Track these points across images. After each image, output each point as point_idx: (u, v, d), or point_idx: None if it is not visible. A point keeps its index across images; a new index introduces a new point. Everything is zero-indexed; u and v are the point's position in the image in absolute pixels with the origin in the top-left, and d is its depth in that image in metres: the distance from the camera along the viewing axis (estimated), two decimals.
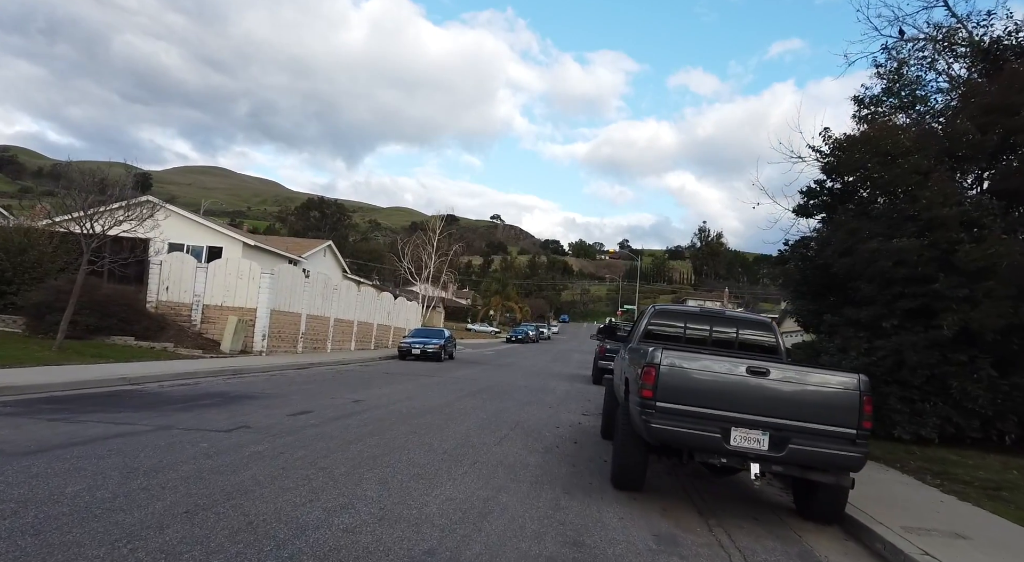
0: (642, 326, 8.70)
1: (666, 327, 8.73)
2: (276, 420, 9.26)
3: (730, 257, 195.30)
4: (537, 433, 10.50)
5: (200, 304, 21.25)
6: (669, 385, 6.17)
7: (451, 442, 8.82)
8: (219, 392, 12.09)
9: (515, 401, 14.96)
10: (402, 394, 14.24)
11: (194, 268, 21.37)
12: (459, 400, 14.07)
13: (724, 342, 8.53)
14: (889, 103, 12.89)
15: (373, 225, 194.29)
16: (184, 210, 30.71)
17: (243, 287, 21.36)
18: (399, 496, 5.79)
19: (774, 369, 6.08)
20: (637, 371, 6.62)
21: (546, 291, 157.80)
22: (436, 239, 63.82)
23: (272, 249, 31.94)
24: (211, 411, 9.64)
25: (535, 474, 7.36)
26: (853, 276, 10.94)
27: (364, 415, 10.54)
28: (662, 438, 6.15)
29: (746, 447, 6.02)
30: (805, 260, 12.35)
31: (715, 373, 6.13)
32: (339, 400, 12.25)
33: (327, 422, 9.48)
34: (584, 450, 9.36)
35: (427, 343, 27.92)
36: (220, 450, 6.94)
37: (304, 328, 24.33)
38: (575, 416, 13.43)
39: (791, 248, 13.00)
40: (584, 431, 11.34)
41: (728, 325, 8.57)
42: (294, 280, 23.48)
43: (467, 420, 11.11)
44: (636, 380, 6.58)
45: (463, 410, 12.40)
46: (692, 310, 8.75)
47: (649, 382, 6.21)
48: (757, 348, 8.43)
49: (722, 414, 6.07)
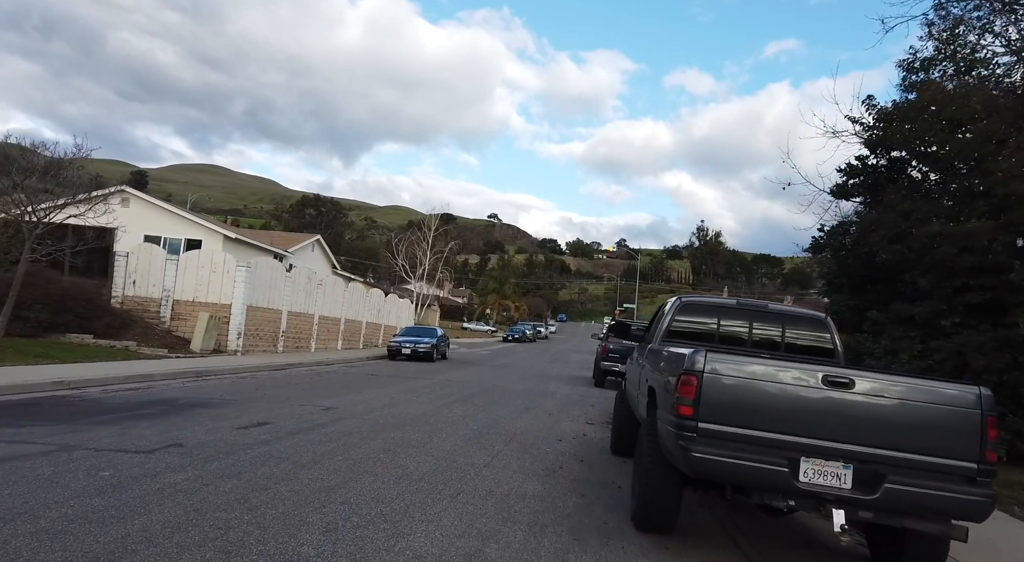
0: (665, 323, 7.10)
1: (694, 324, 7.14)
2: (219, 435, 7.64)
3: (729, 256, 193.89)
4: (536, 449, 8.91)
5: (170, 299, 19.59)
6: (716, 400, 4.59)
7: (431, 463, 7.22)
8: (167, 399, 10.47)
9: (511, 408, 13.36)
10: (383, 400, 12.63)
11: (163, 260, 19.71)
12: (448, 407, 12.46)
13: (767, 343, 6.94)
14: (942, 68, 11.31)
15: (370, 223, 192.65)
16: (161, 200, 29.03)
17: (217, 281, 19.71)
18: (347, 553, 4.19)
19: (860, 379, 4.49)
20: (669, 380, 5.04)
21: (543, 290, 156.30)
22: (431, 235, 62.27)
23: (255, 242, 30.31)
24: (143, 424, 8.01)
25: (534, 510, 5.77)
26: (905, 266, 9.39)
27: (332, 427, 8.92)
28: (706, 471, 4.56)
29: (823, 485, 4.43)
30: (844, 248, 10.78)
31: (779, 384, 4.55)
32: (308, 407, 10.63)
33: (283, 437, 7.86)
34: (593, 471, 7.77)
35: (418, 342, 26.30)
36: (123, 482, 5.32)
37: (285, 326, 22.69)
38: (578, 425, 11.83)
39: (827, 235, 11.40)
40: (590, 445, 9.74)
41: (772, 322, 6.97)
42: (274, 274, 21.84)
43: (454, 433, 9.51)
44: (668, 392, 4.99)
45: (451, 420, 10.80)
46: (727, 303, 7.17)
47: (688, 396, 4.62)
48: (809, 351, 6.84)
49: (788, 440, 4.49)
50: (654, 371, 5.95)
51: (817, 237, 11.55)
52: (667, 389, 5.07)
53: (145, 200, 28.22)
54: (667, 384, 5.10)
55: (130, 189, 28.21)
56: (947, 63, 11.12)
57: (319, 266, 37.71)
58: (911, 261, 9.22)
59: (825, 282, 11.73)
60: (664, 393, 5.18)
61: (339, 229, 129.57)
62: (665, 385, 5.19)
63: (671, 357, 5.28)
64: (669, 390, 4.96)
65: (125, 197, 28.05)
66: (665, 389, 5.17)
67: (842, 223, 11.21)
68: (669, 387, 4.97)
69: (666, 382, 5.15)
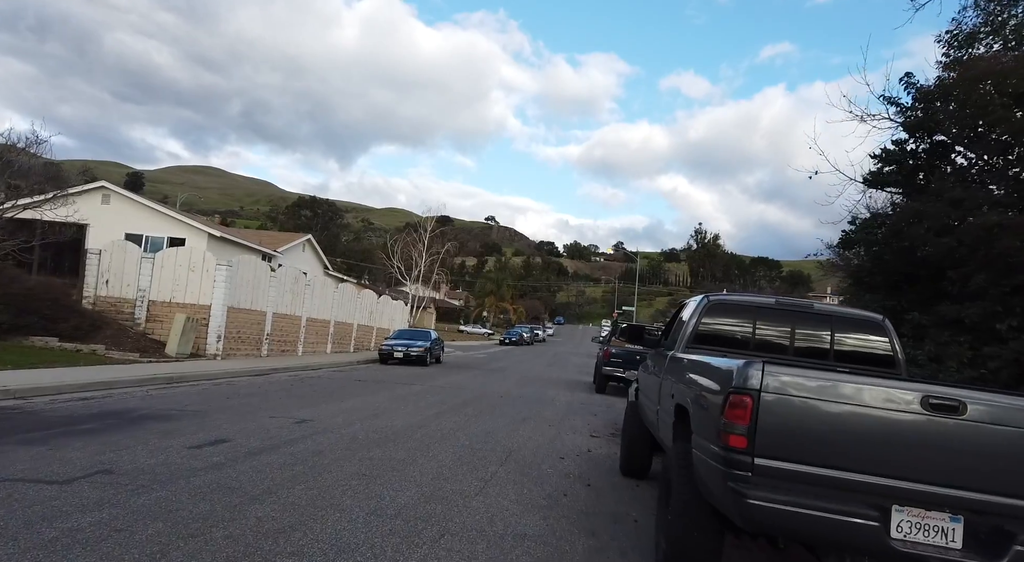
0: (690, 326, 5.97)
1: (725, 327, 6.02)
2: (163, 457, 6.49)
3: (727, 259, 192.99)
4: (536, 469, 7.78)
5: (145, 300, 18.42)
6: (778, 428, 3.48)
7: (412, 492, 6.08)
8: (120, 410, 9.32)
9: (507, 418, 12.22)
10: (367, 410, 11.48)
11: (139, 258, 18.54)
12: (438, 417, 11.32)
13: (812, 350, 5.82)
14: (987, 42, 10.21)
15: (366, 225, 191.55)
16: (141, 197, 27.84)
17: (196, 281, 18.55)
18: None
19: (973, 402, 3.37)
20: (710, 400, 3.92)
21: (541, 292, 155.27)
22: (427, 237, 61.19)
23: (242, 241, 29.14)
24: (75, 444, 6.86)
25: (536, 557, 4.64)
26: (953, 261, 8.30)
27: (301, 445, 7.78)
28: (767, 522, 3.46)
29: (923, 544, 3.32)
30: (878, 243, 9.67)
31: (863, 407, 3.43)
32: (279, 420, 9.49)
33: (240, 459, 6.72)
34: (603, 499, 6.64)
35: (411, 345, 25.16)
36: (5, 530, 4.17)
37: (270, 328, 21.53)
38: (582, 438, 10.71)
39: (859, 227, 10.28)
40: (597, 464, 8.61)
41: (818, 324, 5.85)
42: (257, 274, 20.68)
43: (443, 450, 8.37)
44: (709, 415, 3.88)
45: (440, 433, 9.66)
46: (764, 303, 6.04)
47: (741, 421, 3.50)
48: (864, 359, 5.73)
49: (876, 482, 3.38)
50: (683, 385, 4.83)
51: (848, 231, 10.44)
52: (707, 411, 3.96)
53: (127, 197, 27.04)
54: (707, 404, 3.98)
55: (111, 185, 27.04)
56: (994, 37, 10.04)
57: (310, 267, 36.55)
58: (961, 256, 8.14)
59: (852, 281, 10.61)
60: (703, 415, 4.06)
61: (335, 231, 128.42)
62: (704, 405, 4.07)
63: (710, 370, 4.16)
64: (711, 412, 3.84)
65: (106, 194, 26.91)
66: (704, 410, 4.05)
67: (876, 215, 10.11)
68: (711, 408, 3.85)
69: (705, 401, 4.03)
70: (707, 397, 4.00)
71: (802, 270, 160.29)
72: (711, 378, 4.03)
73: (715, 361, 4.23)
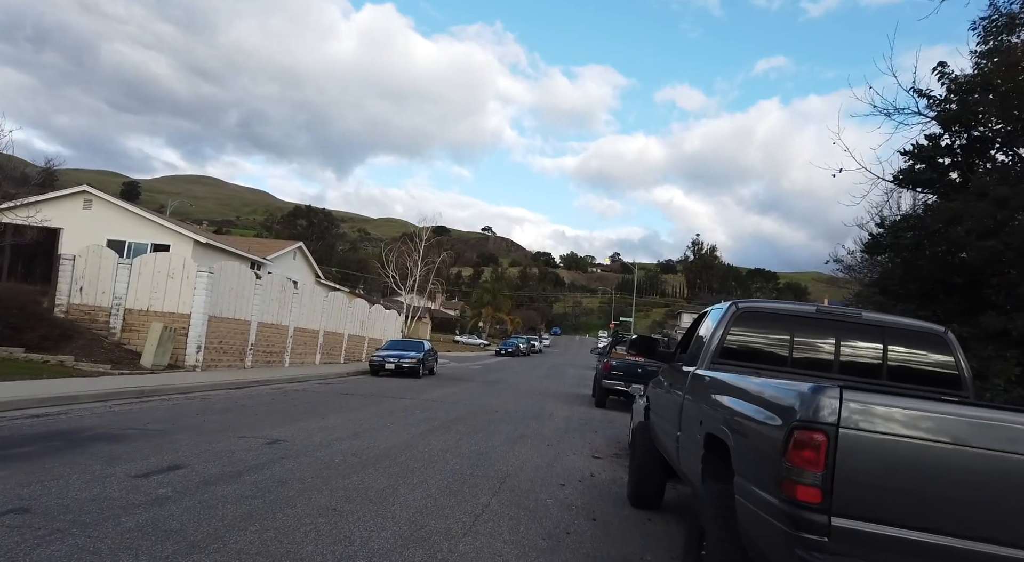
0: (716, 338, 5.08)
1: (757, 339, 5.13)
2: (98, 490, 5.56)
3: (724, 270, 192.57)
4: (533, 499, 6.86)
5: (121, 308, 17.46)
6: (863, 477, 2.60)
7: (389, 532, 5.16)
8: (70, 430, 8.37)
9: (502, 436, 11.30)
10: (349, 428, 10.54)
11: (115, 264, 17.60)
12: (426, 436, 10.39)
13: (861, 366, 4.94)
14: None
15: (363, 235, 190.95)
16: (125, 202, 26.91)
17: (175, 288, 17.61)
18: None
19: None
20: (765, 436, 3.03)
21: (537, 303, 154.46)
22: (423, 246, 60.38)
23: (229, 248, 28.24)
24: (1, 472, 5.91)
25: None
26: (998, 267, 7.45)
27: (267, 472, 6.85)
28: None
29: None
30: (910, 247, 8.81)
31: (981, 451, 2.55)
32: (248, 441, 8.55)
33: (191, 491, 5.79)
34: (611, 538, 5.73)
35: (403, 357, 24.21)
36: None
37: (254, 338, 20.56)
38: (584, 460, 9.79)
39: (889, 231, 9.42)
40: (602, 492, 7.69)
41: (868, 336, 4.97)
42: (241, 281, 19.74)
43: (429, 476, 7.45)
44: (764, 456, 2.98)
45: (428, 455, 8.74)
46: (803, 311, 5.16)
47: (812, 467, 2.62)
48: (924, 378, 4.85)
49: (1000, 553, 2.49)
50: (715, 410, 3.94)
51: (875, 234, 9.57)
52: (758, 448, 3.07)
53: (110, 202, 26.14)
54: (758, 440, 3.09)
55: (93, 190, 26.13)
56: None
57: (301, 275, 35.62)
58: (1008, 261, 7.31)
59: (879, 290, 9.72)
60: (752, 454, 3.17)
61: (331, 240, 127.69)
62: (752, 440, 3.18)
63: (762, 394, 3.27)
64: (765, 452, 2.95)
65: (88, 198, 26.03)
66: (754, 448, 3.16)
67: (907, 217, 9.26)
68: (765, 446, 2.96)
69: (755, 436, 3.14)
70: (758, 430, 3.11)
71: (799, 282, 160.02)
72: (764, 406, 3.14)
73: (768, 384, 3.34)
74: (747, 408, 3.32)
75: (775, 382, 3.33)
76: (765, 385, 3.31)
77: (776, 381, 3.39)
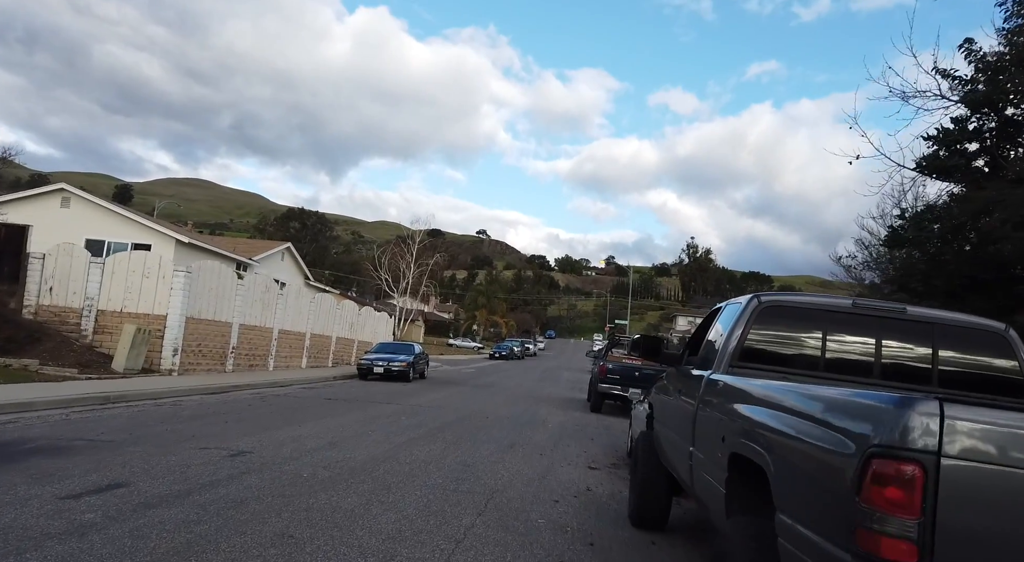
0: (734, 337, 4.34)
1: (784, 339, 4.39)
2: (13, 516, 4.76)
3: (718, 273, 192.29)
4: (524, 520, 6.09)
5: (93, 309, 16.62)
6: (977, 525, 1.83)
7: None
8: (10, 441, 7.57)
9: (491, 444, 10.54)
10: (326, 437, 9.75)
11: (86, 263, 16.76)
12: (410, 446, 9.61)
13: (906, 372, 4.20)
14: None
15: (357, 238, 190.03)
16: (103, 200, 26.04)
17: (150, 288, 16.78)
18: None
19: None
20: (826, 463, 2.26)
21: (532, 306, 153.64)
22: (416, 247, 59.60)
23: (214, 249, 27.41)
24: None
25: None
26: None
27: (223, 489, 6.06)
28: None
29: None
30: (934, 240, 8.08)
31: None
32: (211, 452, 7.76)
33: (125, 516, 4.99)
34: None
35: (392, 360, 23.43)
36: None
37: (236, 341, 19.73)
38: (579, 472, 9.03)
39: (911, 222, 8.66)
40: (600, 509, 6.93)
41: (914, 336, 4.23)
42: (222, 281, 18.92)
43: (408, 492, 6.67)
44: (825, 491, 2.22)
45: (409, 467, 7.96)
46: (837, 305, 4.42)
47: (903, 512, 1.86)
48: (981, 384, 4.11)
49: None
50: (742, 423, 3.19)
51: (897, 226, 8.81)
52: (818, 481, 2.31)
53: (88, 201, 25.29)
54: (816, 468, 2.33)
55: (71, 188, 25.30)
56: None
57: (289, 276, 34.78)
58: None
59: (898, 287, 8.98)
60: (806, 488, 2.42)
61: (324, 243, 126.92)
62: (806, 468, 2.43)
63: (814, 406, 2.52)
64: (826, 485, 2.20)
65: (66, 197, 25.20)
66: (807, 477, 2.40)
67: (930, 207, 8.52)
68: (827, 479, 2.21)
69: (811, 463, 2.39)
70: (813, 456, 2.35)
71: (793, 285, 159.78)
72: (821, 423, 2.39)
73: (823, 393, 2.59)
74: (794, 424, 2.57)
75: (835, 391, 2.58)
76: (821, 395, 2.56)
77: (836, 389, 2.65)
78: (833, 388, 2.84)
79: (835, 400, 2.41)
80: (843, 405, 2.31)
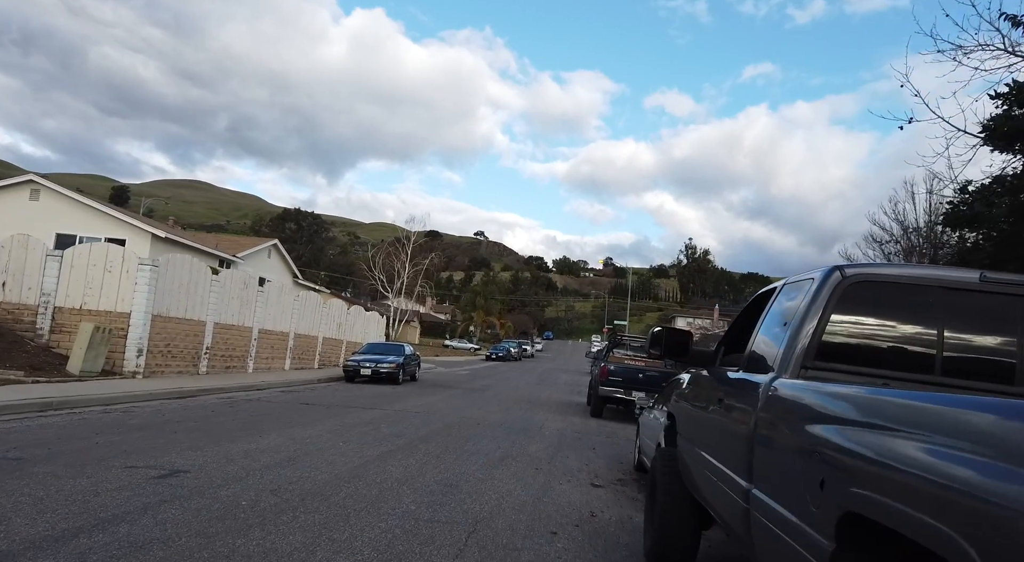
0: (807, 328, 3.01)
1: (881, 329, 3.07)
2: None
3: (717, 275, 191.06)
4: (513, 559, 4.78)
5: (50, 306, 15.27)
6: None
7: None
8: None
9: (480, 457, 9.22)
10: (286, 451, 8.42)
11: (43, 256, 15.41)
12: (384, 460, 8.29)
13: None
14: None
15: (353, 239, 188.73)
16: (75, 193, 24.68)
17: (113, 283, 15.44)
18: None
19: None
20: None
21: (530, 307, 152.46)
22: (411, 247, 58.31)
23: (193, 244, 26.09)
24: None
25: None
26: None
27: (126, 526, 4.72)
28: None
29: None
30: (1003, 219, 6.75)
31: None
32: (137, 472, 6.42)
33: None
34: None
35: (381, 362, 22.12)
36: None
37: (210, 341, 18.37)
38: (580, 491, 7.71)
39: (974, 196, 7.32)
40: (607, 542, 5.60)
41: None
42: (194, 277, 17.57)
43: (369, 525, 5.34)
44: None
45: (377, 490, 6.64)
46: (959, 280, 3.09)
47: None
48: None
49: None
50: (877, 470, 1.87)
51: (957, 203, 7.46)
52: None
53: (60, 194, 23.94)
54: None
55: (41, 179, 23.97)
56: None
57: (277, 274, 33.43)
58: None
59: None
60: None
61: (320, 244, 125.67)
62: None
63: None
64: None
65: (35, 189, 23.88)
66: None
67: (999, 179, 7.13)
68: None
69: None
70: None
71: None
72: None
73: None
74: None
75: None
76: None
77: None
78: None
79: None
80: None
